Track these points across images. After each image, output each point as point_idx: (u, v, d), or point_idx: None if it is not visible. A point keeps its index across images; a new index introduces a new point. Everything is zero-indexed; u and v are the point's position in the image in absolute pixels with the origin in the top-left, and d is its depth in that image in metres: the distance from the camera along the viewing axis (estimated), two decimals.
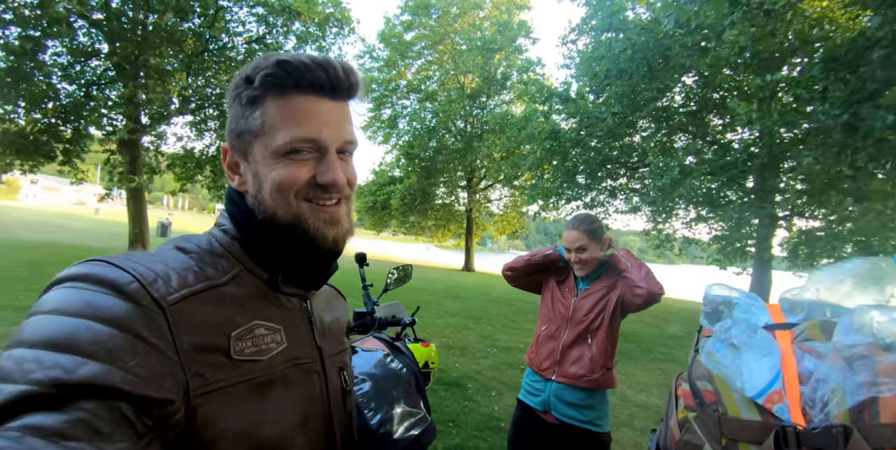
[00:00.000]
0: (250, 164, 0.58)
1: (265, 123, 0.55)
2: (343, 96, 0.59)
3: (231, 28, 12.71)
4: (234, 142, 0.59)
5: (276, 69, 0.54)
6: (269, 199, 0.56)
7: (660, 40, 10.27)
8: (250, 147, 0.57)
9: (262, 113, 0.56)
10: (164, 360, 0.44)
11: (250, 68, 0.56)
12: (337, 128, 0.57)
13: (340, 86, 0.57)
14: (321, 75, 0.55)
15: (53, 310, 0.42)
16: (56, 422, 0.36)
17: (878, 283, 0.70)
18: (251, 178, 0.58)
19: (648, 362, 6.11)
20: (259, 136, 0.56)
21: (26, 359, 0.39)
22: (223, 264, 0.56)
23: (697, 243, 13.78)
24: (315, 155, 0.57)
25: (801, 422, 0.57)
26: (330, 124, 0.57)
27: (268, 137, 0.55)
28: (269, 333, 0.55)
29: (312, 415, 0.59)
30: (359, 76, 0.60)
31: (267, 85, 0.55)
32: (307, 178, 0.56)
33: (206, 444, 0.46)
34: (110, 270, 0.46)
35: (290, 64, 0.54)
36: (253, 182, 0.58)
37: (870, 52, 4.54)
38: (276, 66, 0.54)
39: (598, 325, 1.77)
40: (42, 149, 11.63)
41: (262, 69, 0.55)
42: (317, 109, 0.56)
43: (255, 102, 0.56)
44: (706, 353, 0.67)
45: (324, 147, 0.57)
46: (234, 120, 0.58)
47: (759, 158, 9.04)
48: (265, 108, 0.56)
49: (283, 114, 0.55)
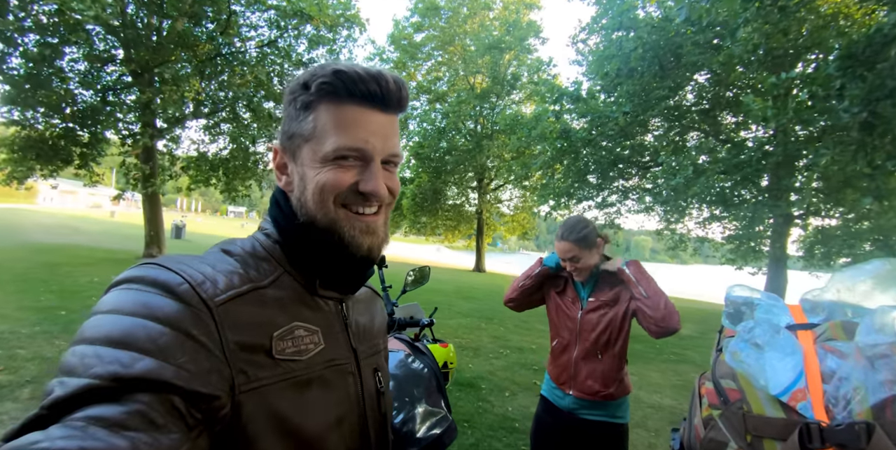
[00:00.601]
0: (298, 166, 0.61)
1: (316, 128, 0.58)
2: (392, 109, 0.61)
3: (243, 32, 12.84)
4: (284, 143, 0.62)
5: (333, 78, 0.57)
6: (310, 201, 0.59)
7: (671, 38, 10.20)
8: (299, 150, 0.60)
9: (315, 118, 0.58)
10: (211, 357, 0.46)
11: (308, 75, 0.59)
12: (384, 139, 0.60)
13: (391, 98, 0.59)
14: (374, 87, 0.58)
15: (112, 310, 0.46)
16: (116, 413, 0.38)
17: None
18: (297, 179, 0.61)
19: (661, 362, 6.08)
20: (309, 140, 0.58)
21: (88, 355, 0.42)
22: (265, 267, 0.58)
23: (710, 243, 13.65)
24: (360, 163, 0.59)
25: (825, 419, 0.59)
26: (377, 135, 0.59)
27: (317, 142, 0.58)
28: (308, 334, 0.57)
29: (348, 414, 0.61)
30: (407, 89, 0.62)
31: (322, 92, 0.57)
32: (350, 183, 0.58)
33: (249, 438, 0.48)
34: (162, 272, 0.49)
35: (346, 74, 0.57)
36: (298, 184, 0.60)
37: (887, 48, 4.48)
38: (333, 75, 0.57)
39: (607, 341, 1.75)
40: (60, 153, 11.88)
41: (318, 77, 0.57)
42: (366, 120, 0.58)
43: (309, 108, 0.59)
44: (730, 352, 0.68)
45: (369, 156, 0.59)
46: (288, 122, 0.61)
47: (773, 156, 8.94)
48: (318, 114, 0.58)
49: (334, 121, 0.57)
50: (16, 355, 3.83)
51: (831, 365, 0.63)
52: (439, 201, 23.63)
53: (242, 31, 12.77)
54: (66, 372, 0.41)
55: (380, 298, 0.85)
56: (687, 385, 5.04)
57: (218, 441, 0.46)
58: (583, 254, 1.75)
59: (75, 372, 0.41)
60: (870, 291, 0.74)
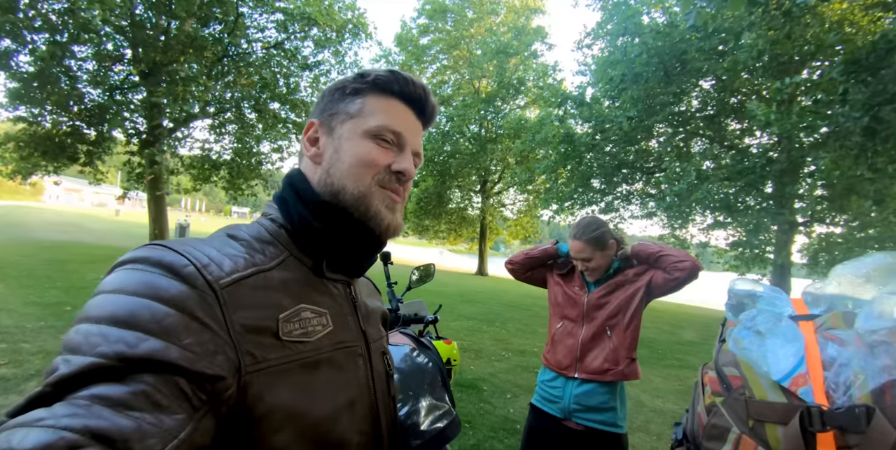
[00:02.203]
0: (334, 139, 0.64)
1: (363, 109, 0.64)
2: (424, 118, 0.70)
3: (250, 34, 12.94)
4: (323, 118, 0.66)
5: (388, 75, 0.65)
6: (345, 171, 0.61)
7: (676, 44, 10.22)
8: (341, 125, 0.64)
9: (363, 102, 0.64)
10: (216, 339, 0.46)
11: (364, 71, 0.66)
12: (415, 136, 0.67)
13: (427, 108, 0.69)
14: (420, 92, 0.67)
15: (116, 289, 0.46)
16: (120, 393, 0.38)
17: None
18: (331, 152, 0.64)
19: (663, 368, 6.07)
20: (354, 117, 0.64)
21: (93, 333, 0.41)
22: (271, 251, 0.58)
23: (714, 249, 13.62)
24: (395, 148, 0.65)
25: (825, 404, 0.60)
26: (411, 131, 0.66)
27: (362, 119, 0.63)
28: (315, 316, 0.57)
29: (358, 397, 0.61)
30: (437, 109, 0.72)
31: (377, 83, 0.65)
32: (386, 163, 0.63)
33: (257, 419, 0.48)
34: (168, 253, 0.49)
35: (401, 75, 0.65)
36: (331, 156, 0.63)
37: (891, 54, 4.49)
38: (389, 73, 0.65)
39: (615, 316, 1.73)
40: (67, 151, 11.97)
41: (376, 72, 0.65)
42: (406, 115, 0.66)
43: (359, 93, 0.65)
44: (733, 339, 0.70)
45: (404, 142, 0.65)
46: (332, 103, 0.66)
47: (777, 162, 8.94)
48: (366, 99, 0.64)
49: (382, 107, 0.64)
50: (20, 349, 3.86)
51: (832, 352, 0.64)
52: (443, 204, 23.65)
53: (249, 33, 12.87)
54: (71, 350, 0.41)
55: (378, 291, 0.86)
56: (688, 390, 5.03)
57: (225, 423, 0.46)
58: (595, 255, 1.74)
59: (80, 350, 0.40)
60: (870, 284, 0.76)
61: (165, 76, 11.11)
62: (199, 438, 0.43)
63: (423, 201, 22.60)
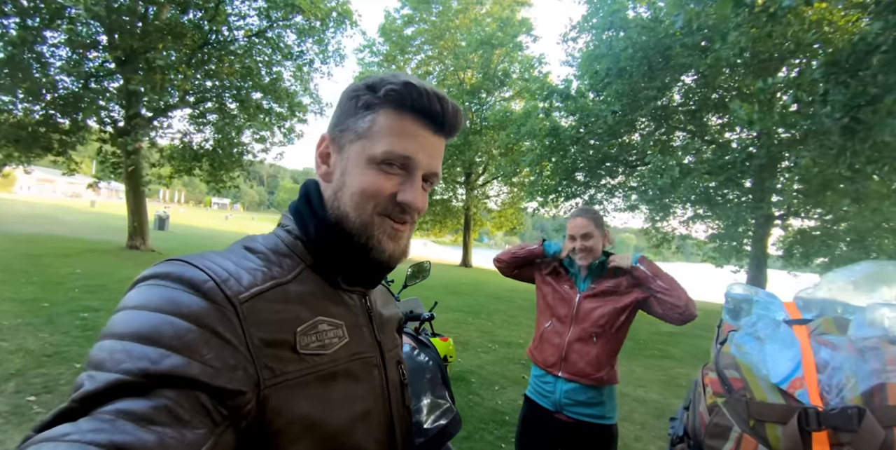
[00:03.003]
0: (342, 159, 0.62)
1: (372, 129, 0.60)
2: (444, 133, 0.64)
3: (231, 22, 12.63)
4: (334, 134, 0.63)
5: (402, 88, 0.59)
6: (348, 200, 0.60)
7: (660, 39, 10.33)
8: (350, 145, 0.61)
9: (373, 119, 0.60)
10: (236, 354, 0.47)
11: (377, 79, 0.61)
12: (429, 157, 0.62)
13: (446, 121, 0.62)
14: (437, 107, 0.61)
15: (139, 306, 0.46)
16: (144, 408, 0.39)
17: (886, 284, 0.78)
18: (339, 173, 0.62)
19: (646, 358, 6.23)
20: (362, 138, 0.60)
21: (117, 350, 0.42)
22: (288, 263, 0.59)
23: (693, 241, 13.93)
24: (403, 173, 0.61)
25: (820, 405, 0.65)
26: (425, 151, 0.62)
27: (369, 142, 0.60)
28: (332, 328, 0.58)
29: (374, 407, 0.62)
30: (462, 118, 0.65)
31: (388, 98, 0.59)
32: (390, 193, 0.60)
33: (276, 432, 0.49)
34: (188, 269, 0.50)
35: (416, 87, 0.59)
36: (339, 178, 0.62)
37: (870, 56, 4.63)
38: (403, 86, 0.59)
39: (603, 326, 1.77)
40: (40, 140, 11.58)
41: (388, 83, 0.59)
42: (420, 134, 0.61)
43: (370, 108, 0.60)
44: (735, 344, 0.75)
45: (413, 167, 0.61)
46: (344, 116, 0.63)
47: (757, 158, 9.16)
48: (377, 116, 0.60)
49: (391, 127, 0.59)
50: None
51: (825, 356, 0.69)
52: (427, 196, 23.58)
53: (231, 20, 12.56)
54: (96, 366, 0.42)
55: (393, 297, 0.87)
56: (671, 380, 5.19)
57: (244, 436, 0.47)
58: (595, 233, 1.80)
59: (104, 367, 0.41)
60: (858, 291, 0.81)
61: (143, 64, 10.78)
62: None
63: None
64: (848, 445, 0.61)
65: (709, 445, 0.72)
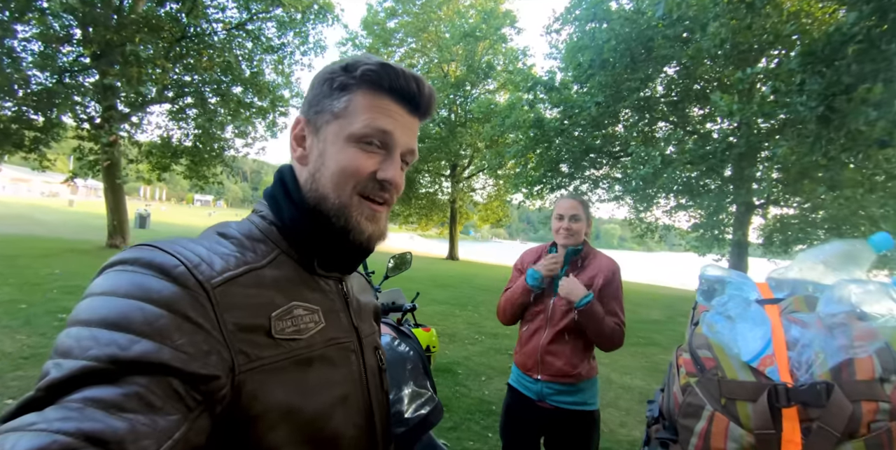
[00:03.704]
0: (319, 141, 0.61)
1: (348, 108, 0.59)
2: (419, 113, 0.64)
3: (210, 14, 12.35)
4: (310, 116, 0.62)
5: (378, 68, 0.59)
6: (327, 180, 0.59)
7: (643, 31, 10.39)
8: (326, 125, 0.60)
9: (350, 100, 0.60)
10: (209, 339, 0.46)
11: (352, 60, 0.61)
12: (407, 135, 0.63)
13: (421, 101, 0.63)
14: (413, 86, 0.61)
15: (107, 291, 0.45)
16: (113, 395, 0.38)
17: (854, 262, 0.80)
18: (316, 155, 0.61)
19: (631, 346, 6.31)
20: (339, 117, 0.60)
21: (84, 337, 0.41)
22: (262, 248, 0.58)
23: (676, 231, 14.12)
24: (382, 152, 0.61)
25: (790, 381, 0.65)
26: (402, 129, 0.62)
27: (346, 120, 0.59)
28: (308, 313, 0.57)
29: (352, 392, 0.62)
30: (436, 101, 0.65)
31: (364, 78, 0.59)
32: (370, 171, 0.60)
33: (252, 418, 0.49)
34: (158, 254, 0.48)
35: (391, 68, 0.59)
36: (316, 159, 0.61)
37: (845, 47, 4.71)
38: (379, 66, 0.59)
39: (576, 323, 1.77)
40: (12, 137, 11.24)
41: (363, 64, 0.59)
42: (396, 113, 0.61)
43: (346, 89, 0.60)
44: (706, 324, 0.75)
45: (392, 144, 0.61)
46: (318, 98, 0.62)
47: (737, 147, 9.29)
48: (353, 96, 0.60)
49: (368, 105, 0.59)
50: None
51: (795, 334, 0.70)
52: (413, 190, 23.54)
53: (209, 13, 12.28)
54: (62, 354, 0.41)
55: (371, 286, 0.87)
56: (655, 367, 5.27)
57: (220, 422, 0.46)
58: (583, 216, 1.83)
59: (71, 354, 0.40)
60: (829, 269, 0.82)
61: (119, 57, 10.52)
62: (195, 437, 0.43)
63: None
64: (817, 420, 0.62)
65: (682, 424, 0.72)
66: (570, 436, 1.82)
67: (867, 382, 0.63)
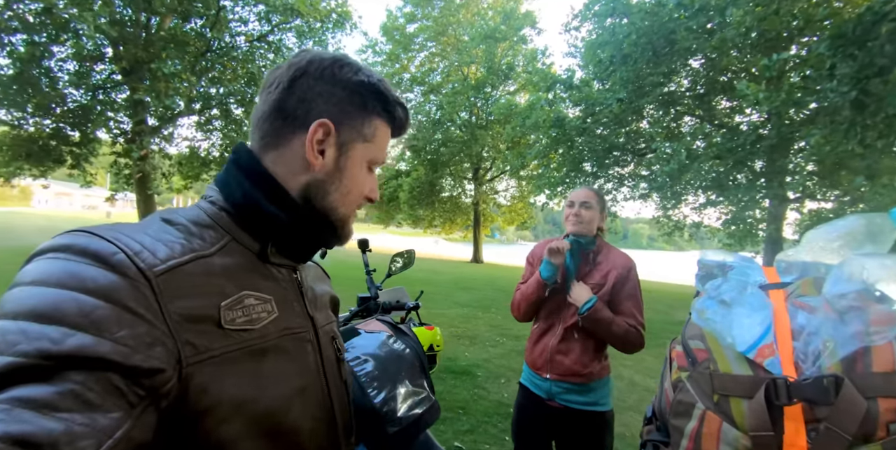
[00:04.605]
0: (342, 156, 0.62)
1: (376, 136, 0.64)
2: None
3: (232, 27, 12.69)
4: (337, 123, 0.61)
5: (396, 108, 0.65)
6: (341, 195, 0.62)
7: (664, 24, 10.10)
8: (353, 144, 0.63)
9: (377, 128, 0.64)
10: (152, 330, 0.43)
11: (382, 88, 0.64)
12: None
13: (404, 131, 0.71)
14: (408, 125, 0.70)
15: (36, 281, 0.41)
16: (45, 393, 0.35)
17: (873, 239, 0.69)
18: (332, 168, 0.61)
19: (656, 347, 6.04)
20: (368, 142, 0.64)
21: (10, 331, 0.38)
22: (210, 235, 0.55)
23: (707, 228, 13.66)
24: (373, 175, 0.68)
25: (794, 375, 0.56)
26: None
27: (374, 147, 0.65)
28: (260, 302, 0.55)
29: (309, 383, 0.60)
30: None
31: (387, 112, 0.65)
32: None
33: (202, 412, 0.46)
34: (94, 240, 0.45)
35: (404, 109, 0.67)
36: (332, 173, 0.62)
37: (878, 26, 4.42)
38: (397, 105, 0.66)
39: None
40: (52, 153, 11.78)
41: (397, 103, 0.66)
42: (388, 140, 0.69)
43: (368, 110, 0.63)
44: (697, 310, 0.66)
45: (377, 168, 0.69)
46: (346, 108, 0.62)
47: (767, 139, 8.90)
48: (379, 125, 0.65)
49: (385, 136, 0.66)
50: None
51: (801, 321, 0.60)
52: (436, 193, 23.55)
53: (232, 26, 12.63)
54: None
55: (327, 276, 0.84)
56: None
57: (167, 417, 0.44)
58: (596, 206, 1.76)
59: None
60: (844, 249, 0.72)
61: (148, 73, 10.90)
62: (139, 435, 0.40)
63: (416, 190, 22.48)
64: (825, 420, 0.53)
65: (673, 424, 0.64)
66: (582, 438, 1.74)
67: (886, 374, 0.53)
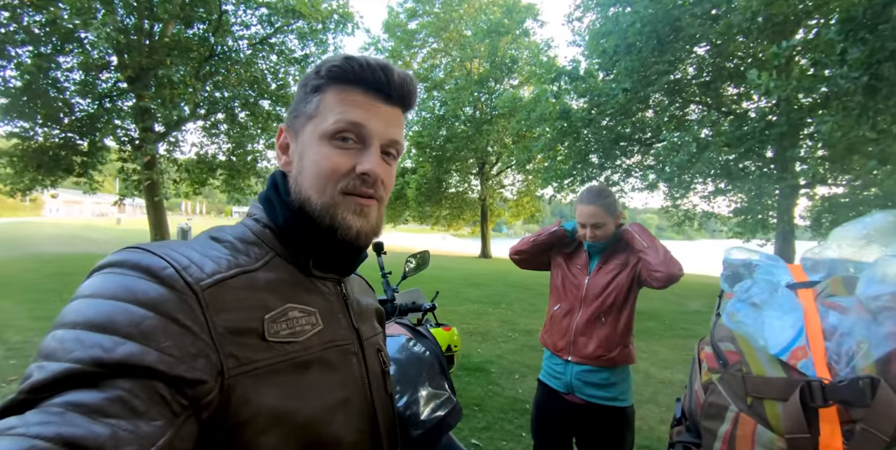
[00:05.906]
0: (298, 145, 0.61)
1: (320, 107, 0.59)
2: (396, 101, 0.62)
3: (235, 31, 12.72)
4: (289, 123, 0.63)
5: (342, 62, 0.59)
6: (307, 181, 0.59)
7: (668, 11, 9.99)
8: (302, 128, 0.61)
9: (321, 99, 0.60)
10: (197, 342, 0.45)
11: (321, 62, 0.61)
12: (384, 125, 0.61)
13: (393, 90, 0.61)
14: (380, 75, 0.59)
15: (93, 294, 0.44)
16: (96, 399, 0.37)
17: None
18: (297, 158, 0.61)
19: (671, 338, 6.06)
20: (312, 118, 0.60)
21: (68, 339, 0.40)
22: (255, 251, 0.57)
23: (717, 217, 13.54)
24: (360, 146, 0.60)
25: (827, 377, 0.56)
26: (378, 119, 0.60)
27: (319, 119, 0.59)
28: (304, 315, 0.56)
29: (353, 396, 0.60)
30: (415, 86, 0.63)
31: (331, 75, 0.59)
32: (349, 167, 0.58)
33: (242, 423, 0.47)
34: (146, 256, 0.48)
35: (355, 60, 0.59)
36: (297, 163, 0.61)
37: (889, 8, 4.34)
38: (343, 60, 0.59)
39: (612, 303, 1.72)
40: (61, 163, 11.91)
41: (329, 62, 0.60)
42: (370, 104, 0.60)
43: (318, 90, 0.60)
44: (727, 313, 0.66)
45: (368, 136, 0.59)
46: (295, 104, 0.63)
47: (777, 126, 8.78)
48: (324, 95, 0.60)
49: (339, 101, 0.59)
50: None
51: (833, 321, 0.60)
52: (442, 189, 23.55)
53: (234, 30, 12.66)
54: (46, 356, 0.40)
55: (371, 289, 0.85)
56: None
57: (208, 427, 0.45)
58: (607, 220, 1.74)
59: (55, 356, 0.39)
60: (872, 246, 0.71)
61: (153, 80, 10.97)
62: (180, 444, 0.42)
63: (423, 187, 22.50)
64: (861, 421, 0.53)
65: (705, 426, 0.64)
66: (603, 434, 1.74)
67: None
